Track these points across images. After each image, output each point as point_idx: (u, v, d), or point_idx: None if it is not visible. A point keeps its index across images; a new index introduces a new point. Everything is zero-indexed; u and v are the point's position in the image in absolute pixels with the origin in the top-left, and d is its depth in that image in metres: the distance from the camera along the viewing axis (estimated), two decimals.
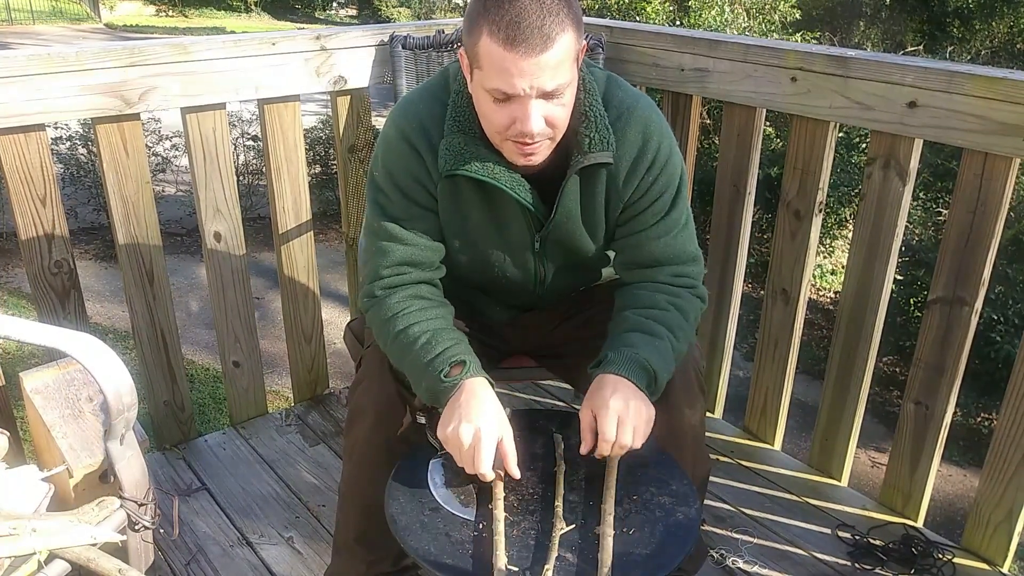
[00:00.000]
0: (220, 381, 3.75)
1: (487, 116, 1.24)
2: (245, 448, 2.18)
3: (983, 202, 1.65)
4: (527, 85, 1.16)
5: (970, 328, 1.74)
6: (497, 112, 1.20)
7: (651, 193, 1.35)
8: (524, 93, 1.16)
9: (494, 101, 1.20)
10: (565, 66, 1.17)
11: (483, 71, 1.18)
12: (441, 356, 1.26)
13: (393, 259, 1.36)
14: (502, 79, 1.16)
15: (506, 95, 1.17)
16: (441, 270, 1.42)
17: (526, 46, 1.13)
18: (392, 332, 1.32)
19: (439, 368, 1.25)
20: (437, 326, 1.31)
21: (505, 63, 1.14)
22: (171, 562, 1.79)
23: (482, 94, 1.21)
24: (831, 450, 2.08)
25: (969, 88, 1.59)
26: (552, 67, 1.15)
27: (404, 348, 1.30)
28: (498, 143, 1.27)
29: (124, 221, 1.90)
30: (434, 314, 1.34)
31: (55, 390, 1.63)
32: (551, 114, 1.20)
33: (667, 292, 1.37)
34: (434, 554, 1.12)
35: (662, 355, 1.29)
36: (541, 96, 1.18)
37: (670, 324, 1.33)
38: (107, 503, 1.31)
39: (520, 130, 1.20)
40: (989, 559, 1.81)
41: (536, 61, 1.14)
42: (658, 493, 1.24)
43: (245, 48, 1.90)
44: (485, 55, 1.16)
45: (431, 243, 1.38)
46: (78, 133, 5.73)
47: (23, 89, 1.66)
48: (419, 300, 1.35)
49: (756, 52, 1.91)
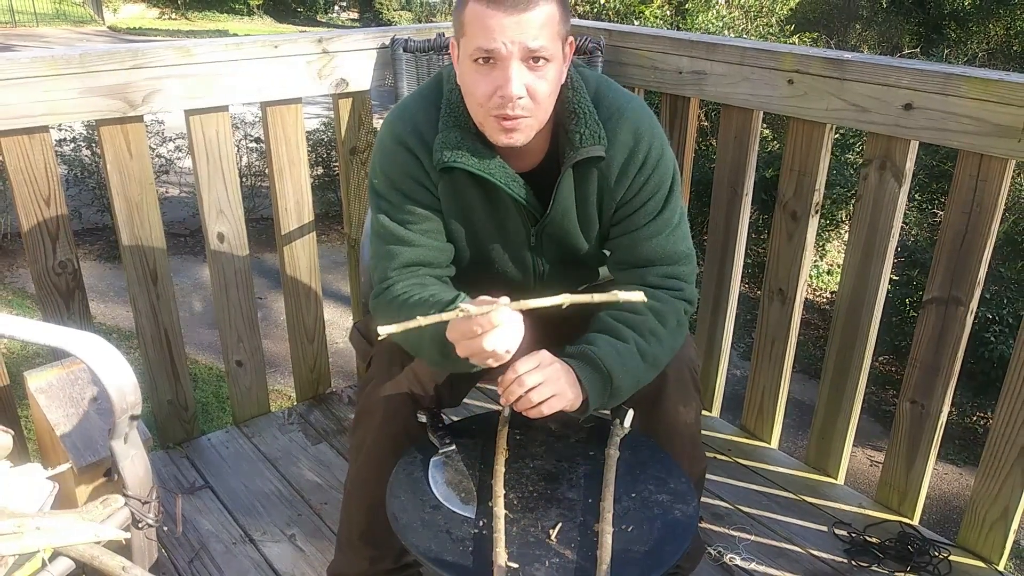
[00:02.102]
0: (223, 380, 3.77)
1: (470, 89, 1.24)
2: (248, 446, 2.20)
3: (978, 203, 1.66)
4: (508, 40, 1.17)
5: (965, 328, 1.76)
6: (480, 81, 1.21)
7: (643, 193, 1.36)
8: (506, 50, 1.18)
9: (476, 69, 1.21)
10: (547, 32, 1.19)
11: (467, 36, 1.21)
12: (458, 298, 1.27)
13: (401, 261, 1.36)
14: (484, 35, 1.18)
15: (488, 54, 1.19)
16: (451, 270, 1.42)
17: (511, 3, 1.16)
18: (402, 302, 1.31)
19: (454, 298, 1.25)
20: (439, 290, 1.33)
21: (487, 20, 1.17)
22: (174, 560, 1.81)
23: (467, 66, 1.23)
24: (828, 448, 2.09)
25: (965, 90, 1.60)
26: (535, 27, 1.18)
27: (414, 308, 1.27)
28: (481, 119, 1.26)
29: (128, 222, 1.92)
30: (438, 287, 1.35)
31: (59, 389, 1.65)
32: (533, 85, 1.21)
33: (649, 295, 1.37)
34: (435, 551, 1.13)
35: (622, 356, 1.29)
36: (523, 59, 1.19)
37: (639, 327, 1.32)
38: (111, 501, 1.31)
39: (501, 95, 1.20)
40: (985, 557, 1.83)
41: (518, 19, 1.16)
42: (656, 491, 1.26)
43: (248, 51, 1.91)
44: (470, 18, 1.19)
45: (439, 243, 1.39)
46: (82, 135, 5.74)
47: (27, 91, 1.67)
48: (422, 286, 1.36)
49: (753, 55, 1.93)
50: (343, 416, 2.33)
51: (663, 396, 1.40)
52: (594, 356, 1.27)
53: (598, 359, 1.27)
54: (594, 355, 1.27)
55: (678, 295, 1.39)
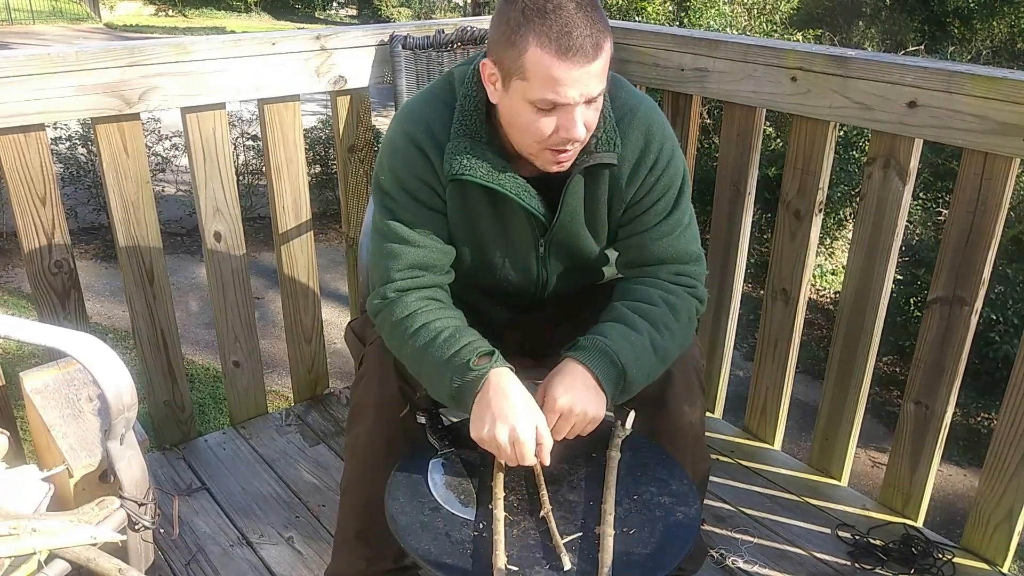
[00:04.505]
0: (220, 381, 3.76)
1: (525, 127, 1.23)
2: (245, 448, 2.18)
3: (983, 202, 1.65)
4: (577, 93, 1.17)
5: (970, 328, 1.74)
6: (539, 122, 1.20)
7: (654, 193, 1.35)
8: (574, 102, 1.17)
9: (536, 111, 1.20)
10: (606, 72, 1.20)
11: (528, 82, 1.18)
12: (468, 347, 1.25)
13: (405, 262, 1.35)
14: (553, 89, 1.16)
15: (554, 104, 1.18)
16: (451, 275, 1.41)
17: (580, 55, 1.14)
18: (410, 329, 1.29)
19: (466, 357, 1.23)
20: (459, 324, 1.31)
21: (558, 73, 1.15)
22: (171, 562, 1.80)
23: (522, 105, 1.21)
24: (831, 450, 2.08)
25: (969, 88, 1.59)
26: (599, 74, 1.17)
27: (424, 344, 1.27)
28: (535, 152, 1.26)
29: (124, 221, 1.90)
30: (452, 314, 1.33)
31: (55, 390, 1.63)
32: (589, 119, 1.22)
33: (662, 288, 1.36)
34: (434, 554, 1.12)
35: (636, 349, 1.27)
36: (585, 102, 1.19)
37: (655, 319, 1.31)
38: (107, 503, 1.31)
39: (565, 137, 1.20)
40: (989, 559, 1.81)
41: (588, 70, 1.15)
42: (658, 493, 1.25)
43: (245, 48, 1.90)
44: (533, 66, 1.16)
45: (442, 246, 1.37)
46: (78, 133, 5.73)
47: (23, 89, 1.65)
48: (435, 302, 1.34)
49: (756, 52, 1.91)
50: (341, 417, 2.31)
51: (668, 396, 1.39)
52: (609, 350, 1.26)
53: (613, 353, 1.25)
54: (610, 349, 1.26)
55: (692, 292, 1.38)
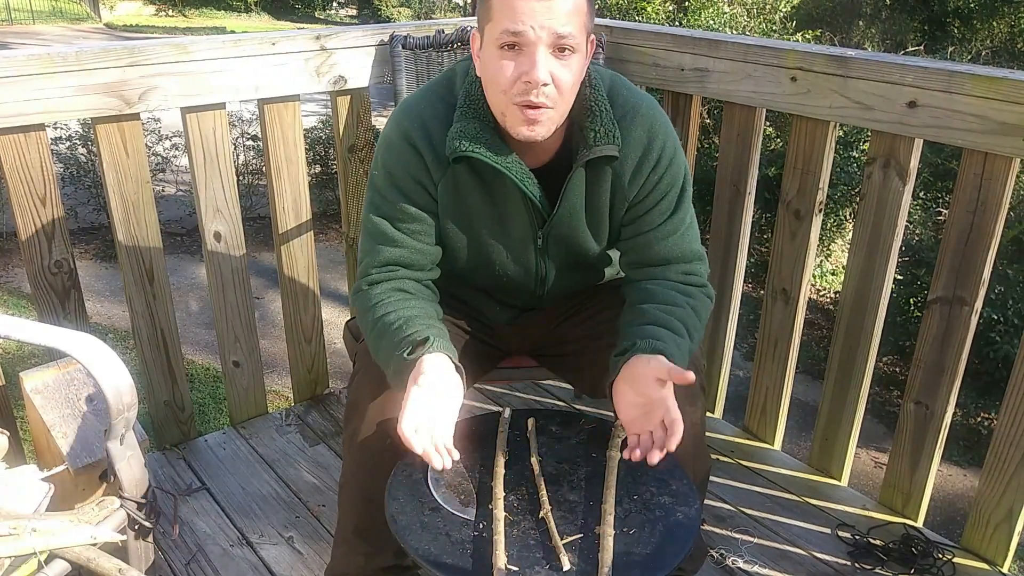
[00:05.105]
0: (220, 381, 3.75)
1: (494, 75, 1.22)
2: (245, 448, 2.18)
3: (983, 202, 1.65)
4: (536, 24, 1.16)
5: (970, 328, 1.74)
6: (504, 67, 1.20)
7: (657, 191, 1.36)
8: (534, 34, 1.17)
9: (501, 55, 1.19)
10: (576, 21, 1.18)
11: (493, 20, 1.19)
12: (407, 338, 1.26)
13: (383, 259, 1.36)
14: (512, 18, 1.16)
15: (515, 38, 1.17)
16: (434, 272, 1.42)
17: None
18: (371, 321, 1.33)
19: (404, 348, 1.25)
20: (413, 314, 1.31)
21: (516, 2, 1.16)
22: (171, 562, 1.79)
23: (491, 53, 1.21)
24: (831, 450, 2.08)
25: (969, 88, 1.59)
26: (563, 13, 1.17)
27: (380, 335, 1.31)
28: (503, 107, 1.24)
29: (124, 221, 1.90)
30: (413, 304, 1.34)
31: (55, 390, 1.63)
32: (558, 74, 1.20)
33: (681, 291, 1.37)
34: (434, 554, 1.12)
35: (683, 354, 1.28)
36: (550, 46, 1.18)
37: (688, 323, 1.32)
38: (107, 503, 1.31)
39: (526, 81, 1.18)
40: (989, 559, 1.81)
41: (548, 4, 1.16)
42: (658, 493, 1.24)
43: (245, 48, 1.90)
44: (498, 3, 1.18)
45: (424, 246, 1.38)
46: (78, 133, 5.72)
47: (23, 89, 1.65)
48: (400, 292, 1.36)
49: (756, 52, 1.91)
50: (341, 417, 2.31)
51: None
52: (667, 353, 1.24)
53: (671, 359, 1.23)
54: (669, 354, 1.24)
55: (704, 291, 1.39)
